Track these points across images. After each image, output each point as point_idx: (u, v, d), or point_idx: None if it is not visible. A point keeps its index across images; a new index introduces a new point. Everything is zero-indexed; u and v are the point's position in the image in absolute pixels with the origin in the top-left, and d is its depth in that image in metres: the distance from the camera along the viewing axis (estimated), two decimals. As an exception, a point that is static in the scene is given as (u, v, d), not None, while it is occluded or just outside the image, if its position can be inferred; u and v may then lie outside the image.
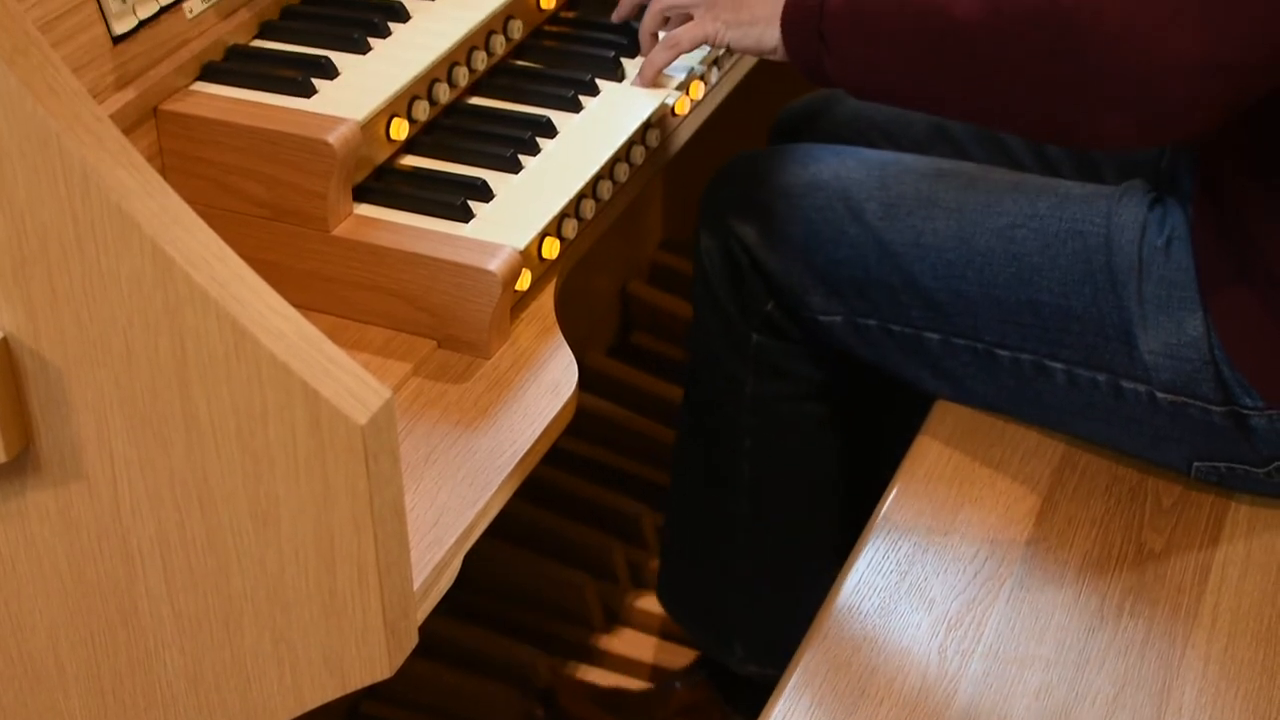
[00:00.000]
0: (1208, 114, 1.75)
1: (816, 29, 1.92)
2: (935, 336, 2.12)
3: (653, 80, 2.06)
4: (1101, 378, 2.03)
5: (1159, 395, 2.00)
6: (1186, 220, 1.99)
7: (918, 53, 1.86)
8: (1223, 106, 1.75)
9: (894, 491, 2.07)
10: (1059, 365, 2.06)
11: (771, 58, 2.01)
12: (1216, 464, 2.03)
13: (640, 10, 2.13)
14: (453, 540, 1.56)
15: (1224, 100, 1.74)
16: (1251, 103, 1.77)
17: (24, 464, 1.48)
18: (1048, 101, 1.80)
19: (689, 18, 2.07)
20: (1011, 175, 2.15)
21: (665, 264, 3.30)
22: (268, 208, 1.82)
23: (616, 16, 2.15)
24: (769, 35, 1.98)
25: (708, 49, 2.12)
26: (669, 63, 2.06)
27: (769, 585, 2.38)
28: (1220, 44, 1.69)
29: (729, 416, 2.32)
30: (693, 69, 2.10)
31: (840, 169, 2.18)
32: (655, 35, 2.09)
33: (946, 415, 2.17)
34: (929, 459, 2.11)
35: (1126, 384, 2.02)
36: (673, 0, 2.07)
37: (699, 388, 2.39)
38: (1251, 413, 1.96)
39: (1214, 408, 1.98)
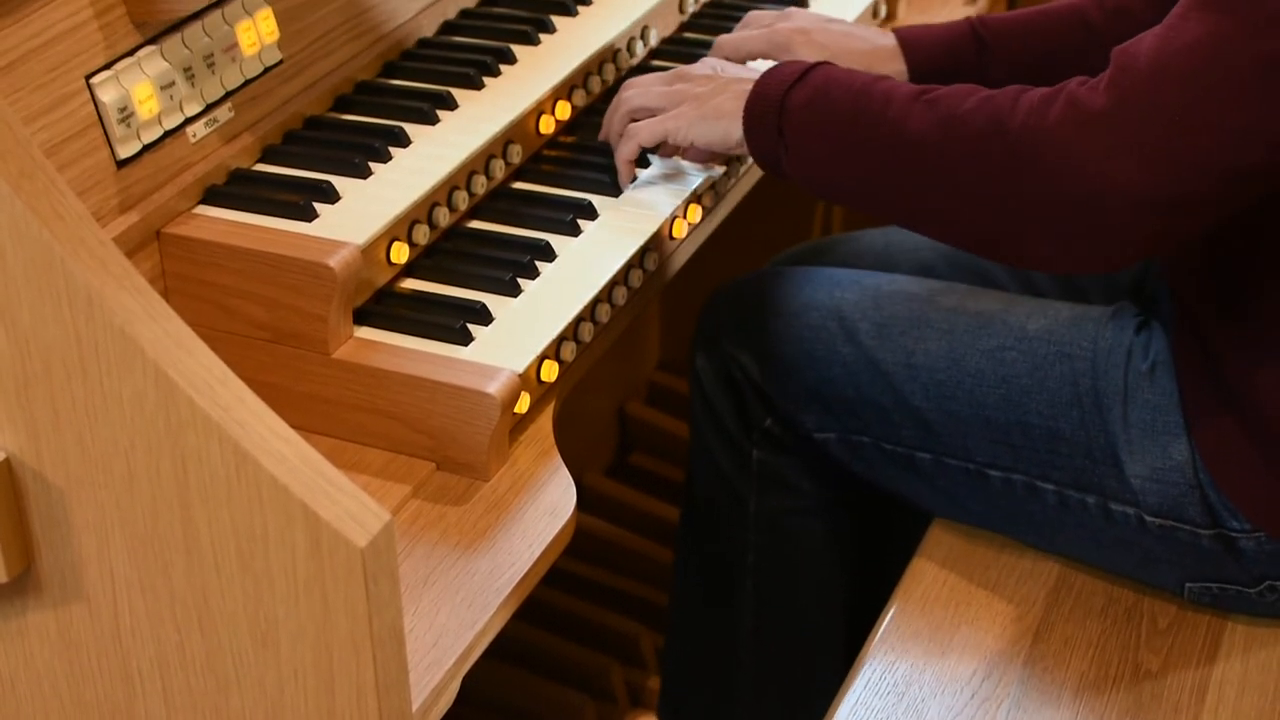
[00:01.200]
0: (1140, 246, 1.79)
1: (777, 125, 1.96)
2: (927, 456, 2.14)
3: (629, 176, 2.09)
4: (1091, 500, 2.04)
5: (1147, 518, 2.01)
6: (1170, 346, 2.01)
7: (869, 161, 1.90)
8: (1155, 240, 1.78)
9: (891, 612, 2.07)
10: (1050, 487, 2.07)
11: (735, 152, 2.06)
12: (1209, 585, 2.03)
13: None
14: (451, 662, 1.56)
15: (1159, 233, 1.77)
16: (1184, 239, 1.80)
17: (24, 584, 1.49)
18: (986, 222, 1.84)
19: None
20: (1002, 297, 2.17)
21: (663, 385, 3.31)
22: (269, 330, 1.83)
23: (602, 136, 2.17)
24: (733, 130, 2.01)
25: (708, 173, 2.14)
26: (632, 155, 2.08)
27: (771, 704, 2.38)
28: (1153, 177, 1.72)
29: (733, 533, 2.32)
30: (694, 184, 2.11)
31: (834, 289, 2.21)
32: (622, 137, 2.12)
33: (943, 536, 2.18)
34: (925, 580, 2.12)
35: (1115, 506, 2.03)
36: (638, 103, 2.10)
37: (699, 506, 2.39)
38: (1239, 535, 1.97)
39: (1202, 531, 1.98)
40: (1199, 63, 1.70)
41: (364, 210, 1.89)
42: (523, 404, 1.82)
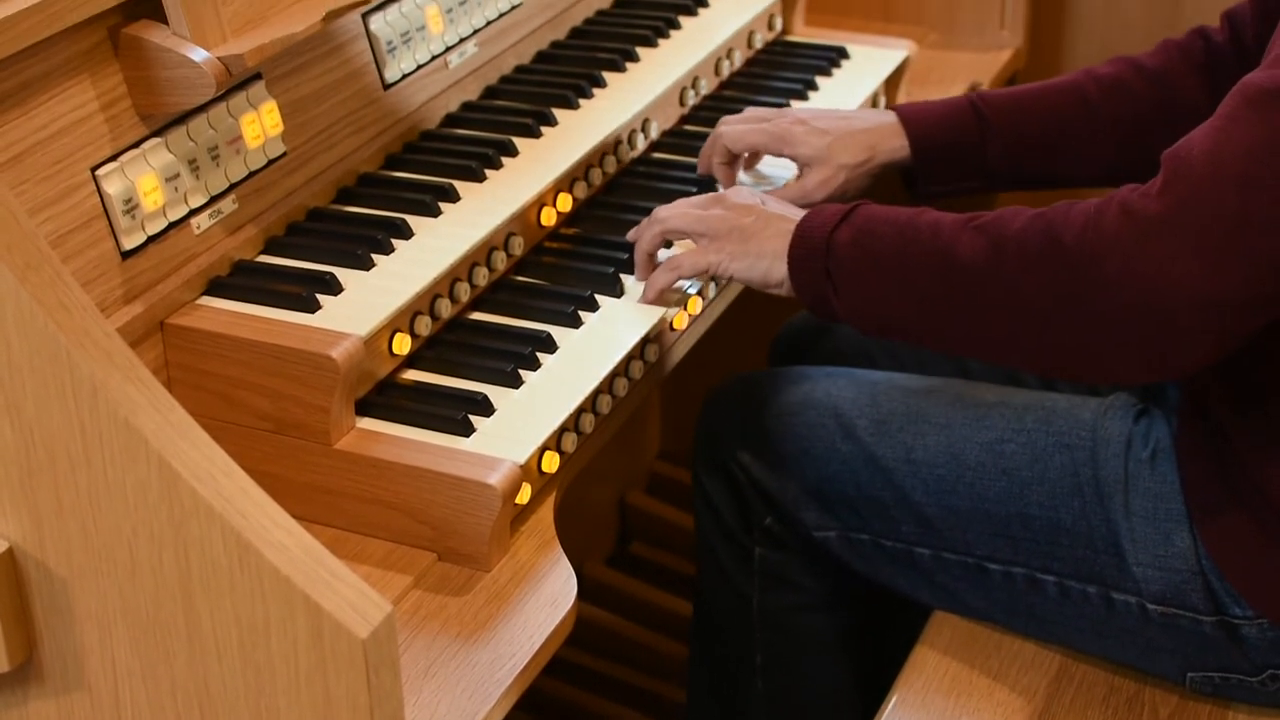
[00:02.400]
0: (1210, 348, 1.78)
1: (824, 267, 1.95)
2: (926, 552, 2.14)
3: (656, 300, 2.08)
4: (1092, 590, 2.04)
5: (1149, 606, 2.00)
6: (1171, 433, 2.02)
7: (923, 292, 1.89)
8: (1224, 341, 1.77)
9: (892, 702, 2.07)
10: (1050, 578, 2.07)
11: (777, 292, 2.03)
12: (1210, 674, 2.03)
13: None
14: (452, 753, 1.56)
15: (1224, 335, 1.77)
16: (1251, 334, 1.80)
17: (26, 673, 1.49)
18: (1053, 340, 1.83)
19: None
20: (999, 390, 2.18)
21: (663, 474, 3.31)
22: (271, 421, 1.84)
23: (631, 236, 2.16)
24: (776, 270, 2.00)
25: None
26: (670, 284, 2.07)
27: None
28: (1219, 280, 1.72)
29: (739, 632, 2.32)
30: (688, 287, 2.12)
31: (831, 387, 2.21)
32: (651, 256, 2.11)
33: (944, 626, 2.17)
34: (927, 670, 2.11)
35: (1117, 596, 2.02)
36: (676, 225, 2.08)
37: (707, 606, 2.39)
38: (1242, 622, 1.97)
39: (1204, 618, 1.98)
40: (1255, 164, 1.71)
41: (366, 302, 1.90)
42: (524, 495, 1.83)
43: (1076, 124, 2.26)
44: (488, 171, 2.17)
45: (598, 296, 2.07)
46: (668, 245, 2.13)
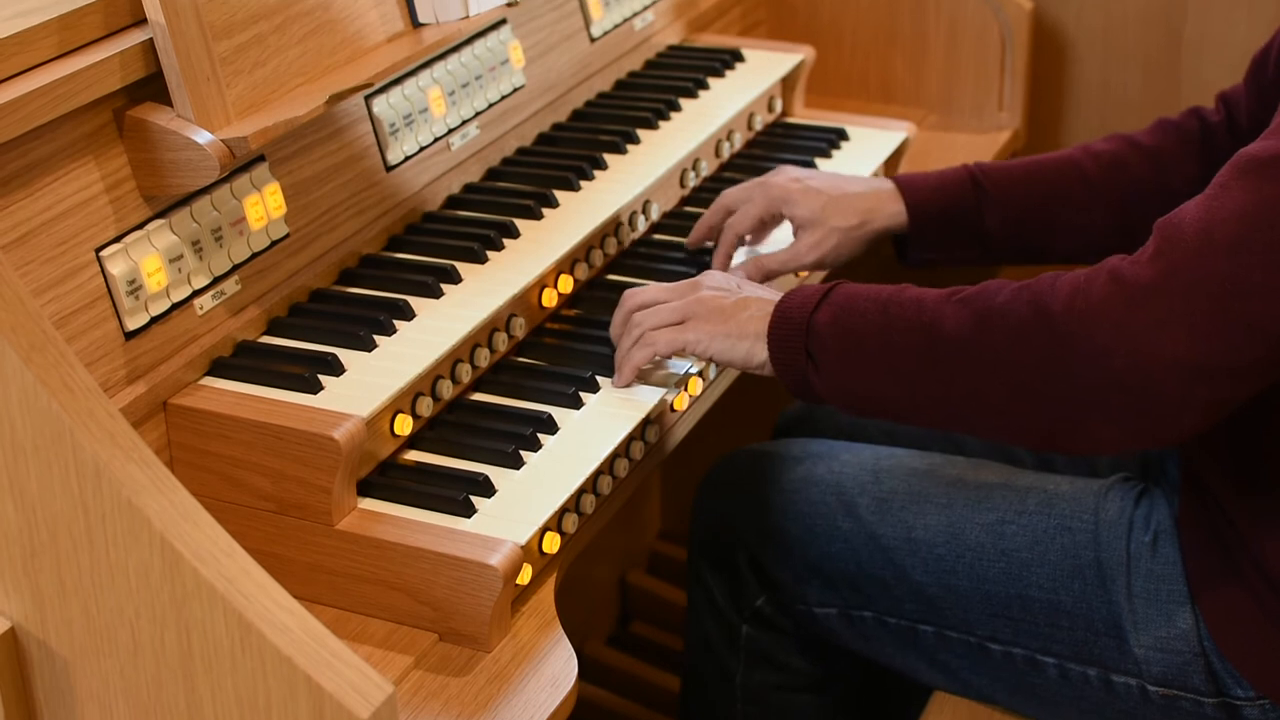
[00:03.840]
0: (1198, 417, 1.77)
1: (804, 347, 1.94)
2: (929, 629, 2.13)
3: (630, 380, 2.06)
4: (1093, 672, 2.03)
5: (1150, 689, 2.00)
6: (1173, 514, 2.02)
7: (908, 368, 1.88)
8: (1214, 409, 1.77)
9: (893, 785, 2.07)
10: (1051, 660, 2.06)
11: (758, 373, 2.02)
12: (1211, 757, 2.03)
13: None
14: (452, 834, 1.56)
15: (1213, 403, 1.76)
16: (1240, 403, 1.80)
17: (27, 755, 1.49)
18: (1041, 411, 1.82)
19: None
20: (1001, 470, 2.18)
21: (664, 554, 3.31)
22: (273, 501, 1.84)
23: (613, 333, 2.13)
24: (757, 351, 1.99)
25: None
26: (646, 361, 2.05)
27: None
28: (1208, 346, 1.72)
29: (723, 708, 2.32)
30: (689, 368, 2.12)
31: (834, 464, 2.21)
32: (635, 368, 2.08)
33: (945, 705, 2.17)
34: (927, 751, 2.11)
35: (1118, 678, 2.02)
36: (653, 306, 2.07)
37: (694, 679, 2.39)
38: (1244, 703, 1.96)
39: (1206, 699, 1.98)
40: (1246, 230, 1.71)
41: (368, 383, 1.91)
42: (525, 575, 1.83)
43: (1073, 198, 2.28)
44: (489, 253, 2.18)
45: (598, 377, 2.07)
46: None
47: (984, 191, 2.27)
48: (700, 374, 2.14)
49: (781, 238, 2.36)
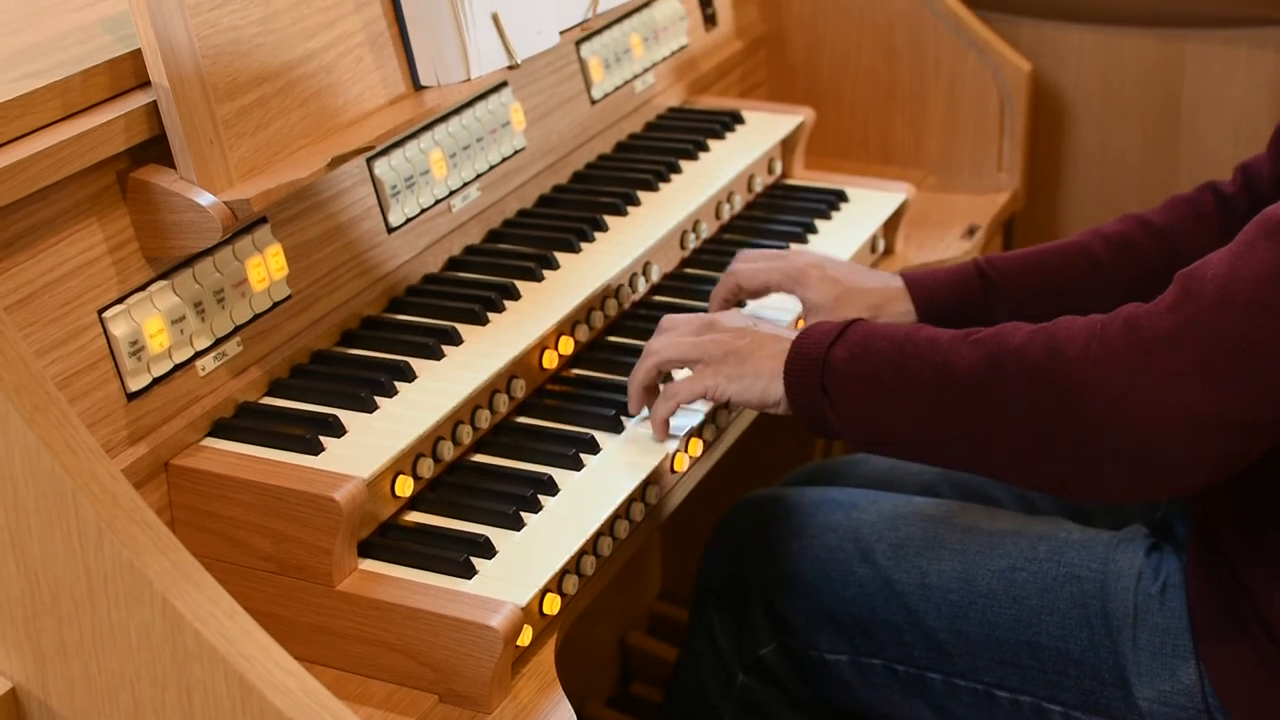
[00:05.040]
0: (1210, 469, 1.78)
1: (820, 384, 1.96)
2: (938, 677, 2.14)
3: (663, 433, 2.08)
4: (1098, 723, 2.04)
5: (1154, 741, 2.00)
6: (1181, 568, 2.02)
7: (920, 406, 1.90)
8: (1224, 463, 1.78)
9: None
10: (1057, 708, 2.06)
11: (774, 411, 2.04)
12: (1214, 810, 2.02)
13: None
14: None
15: (1226, 457, 1.77)
16: (1250, 460, 1.81)
17: (27, 817, 1.49)
18: (1054, 454, 1.82)
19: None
20: (1015, 518, 2.19)
21: (664, 614, 3.31)
22: (274, 562, 1.84)
23: (631, 394, 2.14)
24: (773, 390, 2.00)
25: (708, 406, 2.15)
26: (671, 413, 2.07)
27: None
28: (1221, 402, 1.73)
29: None
30: (692, 426, 2.13)
31: (852, 511, 2.22)
32: (646, 389, 2.11)
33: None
34: (928, 812, 2.11)
35: (1122, 729, 2.02)
36: (669, 355, 2.08)
37: (679, 708, 2.39)
38: (1246, 758, 1.96)
39: (1209, 753, 1.98)
40: (1267, 291, 1.72)
41: (369, 444, 1.91)
42: (525, 637, 1.83)
43: (1084, 282, 2.27)
44: (490, 315, 2.18)
45: (599, 438, 2.08)
46: (667, 378, 2.13)
47: (992, 285, 2.27)
48: (701, 435, 2.14)
49: (777, 301, 2.37)
